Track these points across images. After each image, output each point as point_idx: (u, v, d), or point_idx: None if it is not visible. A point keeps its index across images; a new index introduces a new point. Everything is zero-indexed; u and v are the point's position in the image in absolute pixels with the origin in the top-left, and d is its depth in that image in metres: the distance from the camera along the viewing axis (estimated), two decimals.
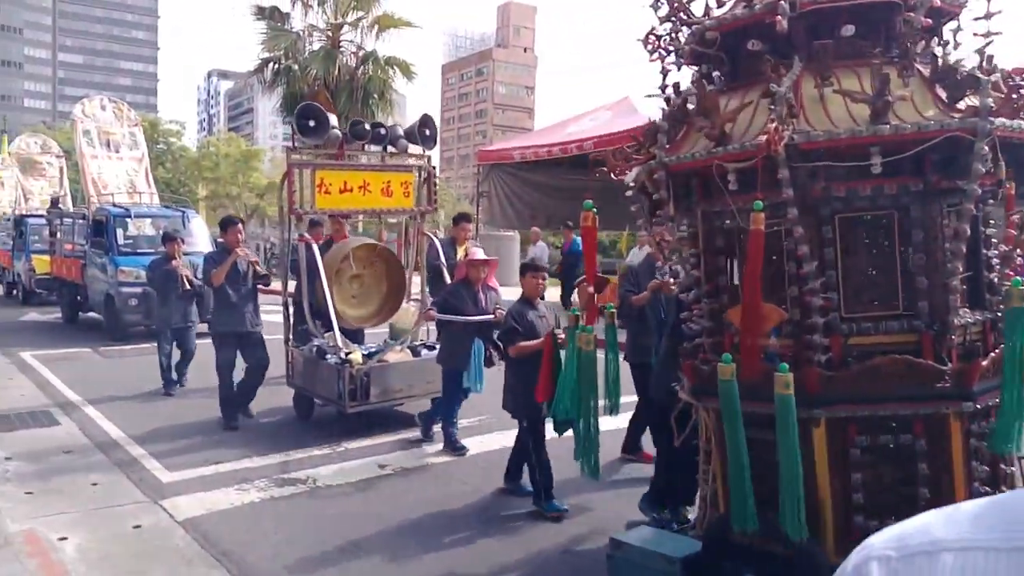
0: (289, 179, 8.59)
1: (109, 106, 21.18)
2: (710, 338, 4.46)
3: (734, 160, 3.95)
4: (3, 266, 25.61)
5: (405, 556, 5.57)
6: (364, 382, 8.32)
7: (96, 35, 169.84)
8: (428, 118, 9.54)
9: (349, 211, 9.48)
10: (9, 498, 6.32)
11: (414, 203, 9.40)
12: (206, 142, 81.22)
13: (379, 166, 9.43)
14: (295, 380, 9.26)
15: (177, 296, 10.47)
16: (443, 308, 7.85)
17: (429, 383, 8.64)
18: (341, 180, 8.71)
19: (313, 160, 8.71)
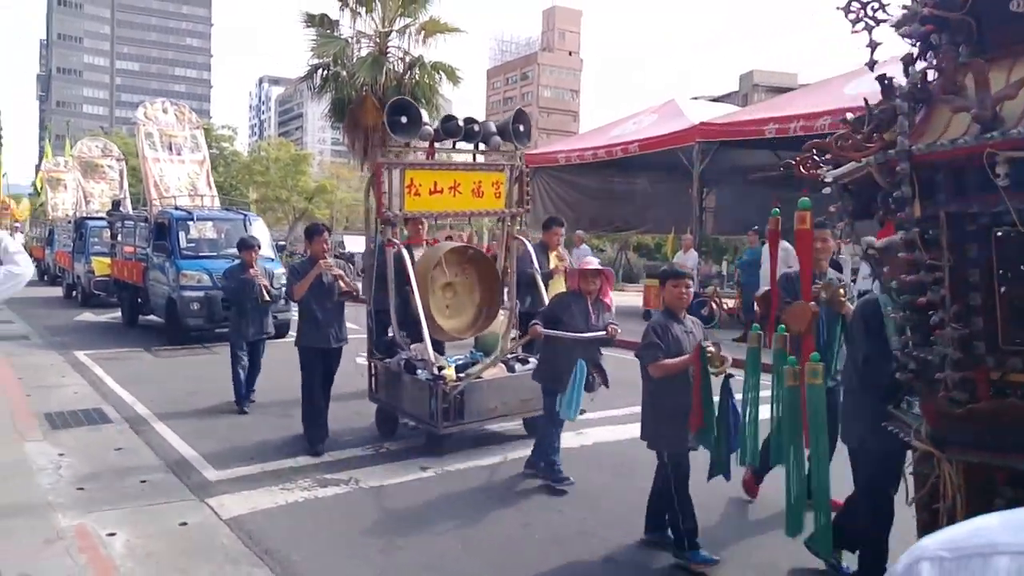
0: (378, 180, 8.08)
1: (171, 109, 21.12)
2: (956, 372, 3.35)
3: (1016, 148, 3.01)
4: (64, 268, 25.93)
5: (447, 557, 5.59)
6: (458, 400, 7.67)
7: (152, 43, 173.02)
8: (522, 113, 8.96)
9: (439, 214, 8.65)
10: (61, 494, 6.45)
11: (505, 204, 8.85)
12: (257, 147, 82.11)
13: (470, 165, 8.93)
14: (378, 395, 8.68)
15: (253, 307, 9.99)
16: (549, 321, 6.93)
17: (525, 401, 8.03)
18: (431, 181, 8.19)
19: (402, 159, 8.32)
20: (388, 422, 8.61)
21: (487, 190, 8.58)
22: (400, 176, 8.01)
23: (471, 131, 8.47)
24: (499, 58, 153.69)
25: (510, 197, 8.85)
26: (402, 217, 8.43)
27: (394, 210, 8.21)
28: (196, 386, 11.11)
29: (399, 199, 8.19)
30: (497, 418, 8.21)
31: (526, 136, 8.85)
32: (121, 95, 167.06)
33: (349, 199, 75.96)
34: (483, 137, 8.57)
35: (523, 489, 7.03)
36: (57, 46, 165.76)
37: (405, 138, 8.18)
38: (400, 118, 8.01)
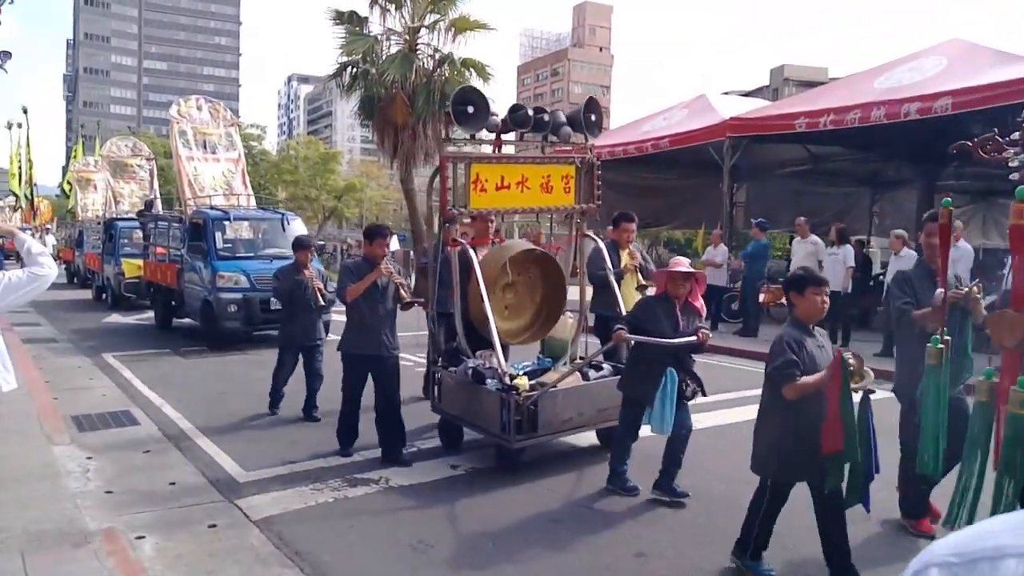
0: (443, 174, 7.44)
1: (205, 106, 20.72)
2: None
3: None
4: (93, 270, 25.59)
5: (478, 557, 5.53)
6: (531, 412, 7.04)
7: (180, 42, 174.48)
8: (594, 102, 8.25)
9: (506, 210, 8.05)
10: (90, 497, 6.43)
11: (575, 200, 8.21)
12: (286, 145, 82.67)
13: (539, 158, 8.27)
14: (442, 406, 8.07)
15: (304, 310, 9.47)
16: (634, 327, 6.47)
17: (601, 411, 7.48)
18: (498, 175, 7.62)
19: (469, 152, 7.84)
20: (452, 434, 8.09)
21: (556, 185, 8.03)
22: (465, 171, 7.46)
23: (541, 121, 7.89)
24: (529, 54, 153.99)
25: (580, 192, 8.24)
26: (468, 214, 7.94)
27: (458, 207, 7.59)
28: (225, 388, 11.11)
29: (462, 195, 7.61)
30: (572, 430, 7.58)
31: (598, 126, 8.25)
32: (149, 95, 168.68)
33: (378, 197, 76.29)
34: (553, 128, 7.99)
35: (552, 485, 6.96)
36: (84, 46, 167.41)
37: (471, 129, 7.63)
38: (466, 108, 7.45)
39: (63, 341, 15.45)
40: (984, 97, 12.02)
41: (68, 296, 25.12)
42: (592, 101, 8.20)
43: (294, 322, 9.53)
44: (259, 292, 14.38)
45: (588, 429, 7.76)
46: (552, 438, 7.55)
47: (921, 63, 14.87)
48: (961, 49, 14.93)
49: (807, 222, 15.62)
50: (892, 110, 13.30)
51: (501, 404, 7.05)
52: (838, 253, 14.43)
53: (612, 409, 7.18)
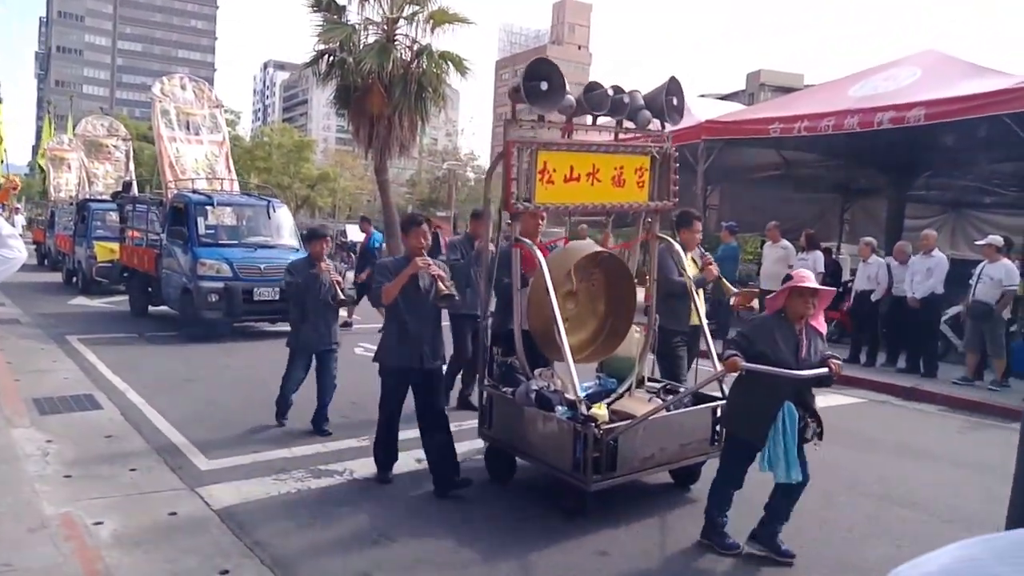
0: (507, 162, 6.31)
1: (190, 85, 19.99)
2: None
3: None
4: (64, 252, 24.91)
5: (440, 552, 5.52)
6: (611, 447, 5.94)
7: (155, 24, 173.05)
8: (676, 83, 7.08)
9: (574, 207, 6.86)
10: (48, 481, 6.35)
11: (648, 196, 7.09)
12: (260, 132, 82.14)
13: (611, 146, 6.98)
14: (493, 432, 6.98)
15: (319, 309, 8.43)
16: (747, 352, 5.34)
17: (684, 446, 6.51)
18: (567, 165, 6.53)
19: (536, 136, 6.69)
20: (503, 466, 7.01)
21: (629, 178, 6.91)
22: (531, 159, 6.34)
23: (619, 103, 6.77)
24: (508, 50, 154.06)
25: (654, 187, 7.12)
26: (533, 209, 6.76)
27: (522, 200, 6.40)
28: (191, 374, 11.01)
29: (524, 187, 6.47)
30: (655, 467, 6.42)
31: (679, 111, 7.17)
32: (122, 76, 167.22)
33: (352, 187, 76.04)
34: (631, 112, 6.88)
35: (519, 481, 6.94)
36: (57, 24, 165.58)
37: (544, 108, 6.52)
38: (539, 84, 6.36)
39: (27, 322, 15.25)
40: (957, 109, 12.12)
41: (37, 278, 24.66)
42: (674, 82, 7.07)
43: (308, 323, 8.44)
44: (242, 281, 14.09)
45: (669, 467, 6.63)
46: (632, 478, 6.33)
47: (896, 73, 14.96)
48: (935, 60, 15.04)
49: (778, 227, 15.71)
50: (866, 119, 13.38)
51: (575, 437, 5.94)
52: (808, 259, 14.53)
53: (695, 443, 6.52)
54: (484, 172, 77.74)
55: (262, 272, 14.32)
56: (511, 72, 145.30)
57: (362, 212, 38.19)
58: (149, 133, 52.35)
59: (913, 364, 12.92)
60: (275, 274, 14.08)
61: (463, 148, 78.05)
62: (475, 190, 66.19)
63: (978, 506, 6.80)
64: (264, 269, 14.36)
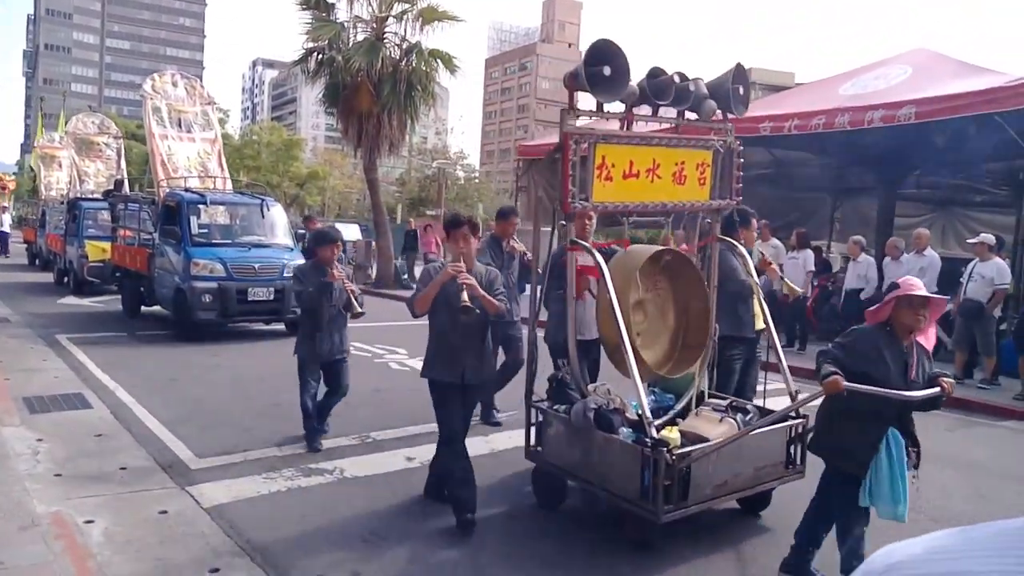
0: (565, 156, 5.66)
1: (181, 82, 19.65)
2: None
3: None
4: (55, 252, 24.57)
5: (429, 550, 5.52)
6: (684, 474, 5.31)
7: (144, 21, 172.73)
8: (742, 71, 6.44)
9: (634, 206, 6.08)
10: (38, 480, 6.34)
11: (709, 194, 6.42)
12: (249, 130, 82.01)
13: (672, 139, 6.27)
14: (543, 454, 6.34)
15: (333, 319, 7.90)
16: (848, 369, 4.67)
17: (759, 470, 5.87)
18: (627, 160, 5.87)
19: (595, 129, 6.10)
20: (553, 490, 6.36)
21: (690, 174, 6.25)
22: (589, 152, 5.68)
23: (683, 92, 6.12)
24: (498, 48, 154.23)
25: (715, 184, 6.44)
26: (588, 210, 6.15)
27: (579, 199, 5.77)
28: (180, 373, 10.98)
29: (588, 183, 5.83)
30: (726, 495, 5.76)
31: (744, 101, 6.49)
32: (111, 74, 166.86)
33: (341, 186, 75.97)
34: (695, 103, 6.24)
35: (509, 481, 6.94)
36: (45, 21, 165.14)
37: (606, 97, 5.79)
38: (602, 68, 5.63)
39: (17, 321, 15.20)
40: (947, 107, 12.15)
41: (28, 278, 24.61)
42: (740, 69, 6.43)
43: (317, 331, 7.84)
44: (236, 281, 13.90)
45: (743, 494, 5.97)
46: (704, 508, 5.60)
47: (886, 71, 15.01)
48: (926, 59, 15.10)
49: (768, 225, 15.74)
50: (856, 117, 13.40)
51: (643, 463, 5.29)
52: (798, 257, 14.57)
53: (770, 467, 5.94)
54: (473, 171, 78.02)
55: (256, 272, 14.18)
56: (500, 70, 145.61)
57: (352, 211, 38.19)
58: (138, 131, 52.27)
59: None
60: (269, 274, 14.11)
61: (453, 147, 78.05)
62: (464, 189, 66.20)
63: (966, 505, 6.83)
64: (258, 269, 14.23)
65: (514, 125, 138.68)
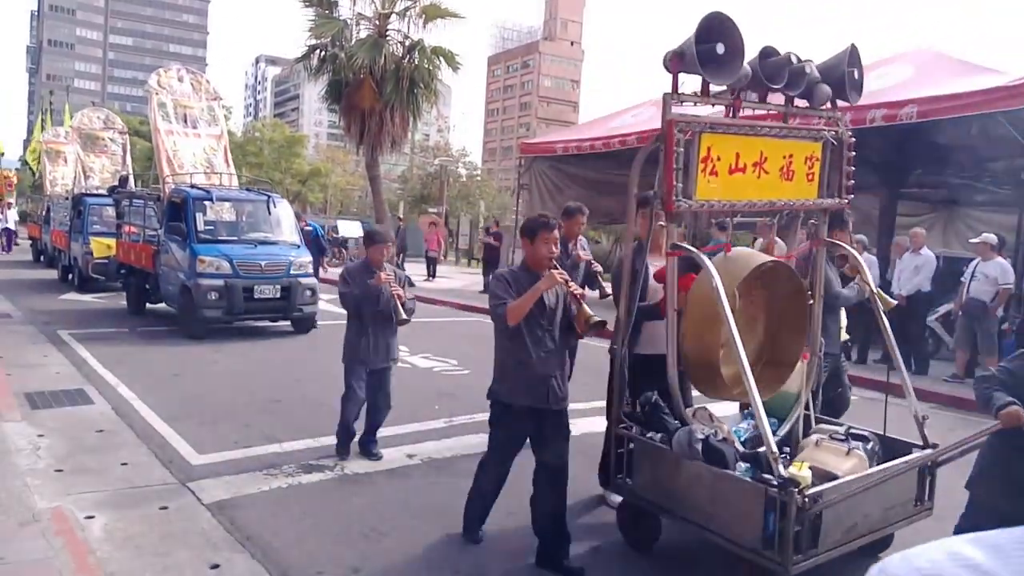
0: (668, 147, 4.89)
1: (187, 77, 19.34)
2: None
3: None
4: (60, 248, 24.37)
5: (429, 546, 5.53)
6: (815, 519, 4.53)
7: (146, 18, 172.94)
8: (857, 54, 5.69)
9: (740, 205, 5.31)
10: (39, 475, 6.35)
11: (818, 192, 5.72)
12: (251, 127, 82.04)
13: (780, 128, 5.56)
14: (635, 488, 5.50)
15: (378, 323, 7.33)
16: (1021, 396, 4.19)
17: (888, 510, 5.15)
18: (733, 151, 5.15)
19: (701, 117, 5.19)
20: (646, 529, 5.62)
21: (799, 169, 5.57)
22: (694, 142, 4.94)
23: (798, 74, 5.38)
24: (500, 46, 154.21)
25: (824, 181, 5.76)
26: (693, 209, 5.19)
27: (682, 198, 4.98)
28: (180, 368, 11.00)
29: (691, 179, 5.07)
30: (855, 540, 4.92)
31: (858, 88, 5.80)
32: (114, 70, 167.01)
33: (343, 183, 76.00)
34: (807, 88, 5.53)
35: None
36: (49, 18, 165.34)
37: (720, 79, 5.06)
38: (714, 46, 4.91)
39: (19, 317, 15.22)
40: (949, 106, 12.15)
41: (32, 275, 24.54)
42: (855, 52, 5.72)
43: (363, 336, 7.35)
44: (242, 279, 13.76)
45: (871, 538, 5.12)
46: (832, 556, 4.73)
47: (888, 70, 14.98)
48: (928, 58, 15.08)
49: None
50: (858, 116, 13.37)
51: (767, 505, 4.50)
52: None
53: (899, 506, 5.27)
54: (475, 169, 78.01)
55: (262, 269, 14.08)
56: (503, 68, 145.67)
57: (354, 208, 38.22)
58: (141, 128, 52.30)
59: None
60: (276, 271, 14.05)
61: (455, 144, 78.11)
62: (466, 186, 66.17)
63: None
64: (265, 266, 14.13)
65: (516, 123, 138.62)
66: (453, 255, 43.07)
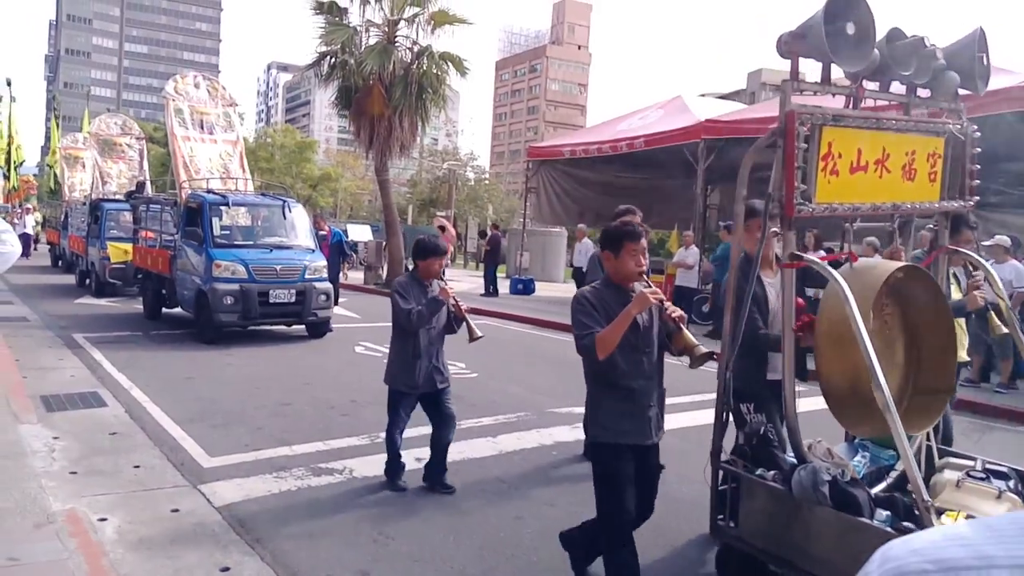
0: (789, 141, 4.37)
1: (203, 84, 19.57)
2: None
3: None
4: (77, 253, 24.41)
5: (437, 549, 5.56)
6: None
7: (161, 26, 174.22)
8: (984, 38, 5.15)
9: (860, 208, 4.79)
10: (54, 477, 6.42)
11: (940, 194, 5.17)
12: (263, 132, 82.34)
13: (902, 122, 4.97)
14: (742, 532, 4.85)
15: (431, 339, 6.61)
16: None
17: None
18: (855, 147, 4.61)
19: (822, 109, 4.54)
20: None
21: (920, 168, 5.00)
22: (814, 137, 4.39)
23: (927, 59, 4.84)
24: (508, 50, 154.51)
25: (945, 181, 5.20)
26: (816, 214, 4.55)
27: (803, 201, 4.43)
28: (194, 372, 11.10)
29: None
30: None
31: (985, 77, 5.18)
32: (129, 78, 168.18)
33: (353, 187, 76.19)
34: (933, 75, 4.97)
35: (517, 482, 7.00)
36: (66, 27, 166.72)
37: (851, 63, 4.50)
38: (844, 25, 4.34)
39: (35, 321, 15.35)
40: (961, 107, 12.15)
41: (50, 280, 24.78)
42: (983, 36, 5.14)
43: (418, 360, 6.58)
44: (257, 283, 13.85)
45: None
46: None
47: None
48: None
49: None
50: None
51: None
52: None
53: None
54: (483, 173, 78.07)
55: (278, 273, 14.12)
56: (511, 72, 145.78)
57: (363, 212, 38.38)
58: (155, 134, 52.58)
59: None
60: (291, 275, 14.10)
61: (463, 148, 78.17)
62: (474, 190, 66.20)
63: None
64: (280, 270, 14.16)
65: (524, 127, 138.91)
66: (461, 258, 43.19)
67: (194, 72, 21.38)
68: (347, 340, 14.42)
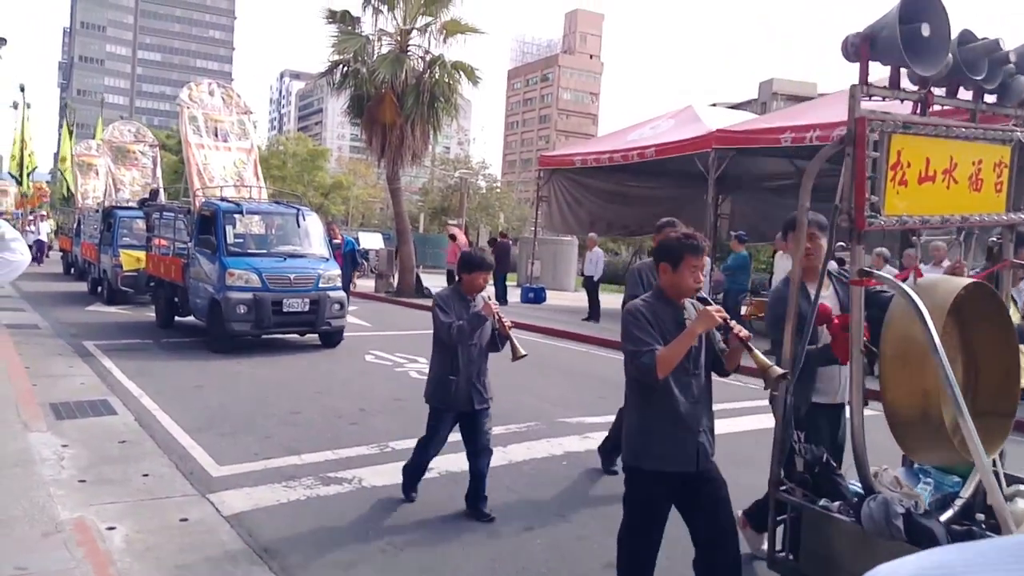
0: (859, 149, 4.10)
1: (218, 91, 19.48)
2: None
3: None
4: (90, 260, 24.42)
5: (447, 560, 5.54)
6: None
7: (174, 34, 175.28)
8: None
9: (931, 222, 4.55)
10: (63, 486, 6.42)
11: (1006, 204, 4.83)
12: (275, 140, 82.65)
13: (977, 129, 4.64)
14: (804, 567, 4.41)
15: (470, 357, 6.32)
16: None
17: None
18: (923, 156, 4.34)
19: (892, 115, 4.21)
20: None
21: (987, 177, 4.71)
22: (883, 145, 4.12)
23: (999, 63, 4.54)
24: (520, 59, 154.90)
25: (1011, 191, 4.88)
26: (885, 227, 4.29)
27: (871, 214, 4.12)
28: (203, 379, 11.11)
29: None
30: None
31: None
32: (142, 86, 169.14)
33: (365, 195, 76.37)
34: (1004, 79, 4.65)
35: (527, 493, 6.97)
36: (80, 34, 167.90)
37: (926, 66, 4.19)
38: (919, 26, 4.04)
39: (46, 328, 15.36)
40: (968, 116, 12.10)
41: (62, 287, 24.85)
42: None
43: (456, 378, 6.30)
44: (271, 292, 13.72)
45: None
46: None
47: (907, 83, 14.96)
48: None
49: None
50: None
51: None
52: None
53: None
54: (495, 181, 78.15)
55: (292, 282, 14.03)
56: (523, 81, 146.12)
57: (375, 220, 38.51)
58: (167, 142, 52.74)
59: None
60: (305, 284, 14.04)
61: (475, 157, 78.30)
62: (486, 198, 66.27)
63: None
64: (294, 279, 14.07)
65: (536, 135, 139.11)
66: None
67: (209, 79, 21.47)
68: (358, 349, 14.41)
